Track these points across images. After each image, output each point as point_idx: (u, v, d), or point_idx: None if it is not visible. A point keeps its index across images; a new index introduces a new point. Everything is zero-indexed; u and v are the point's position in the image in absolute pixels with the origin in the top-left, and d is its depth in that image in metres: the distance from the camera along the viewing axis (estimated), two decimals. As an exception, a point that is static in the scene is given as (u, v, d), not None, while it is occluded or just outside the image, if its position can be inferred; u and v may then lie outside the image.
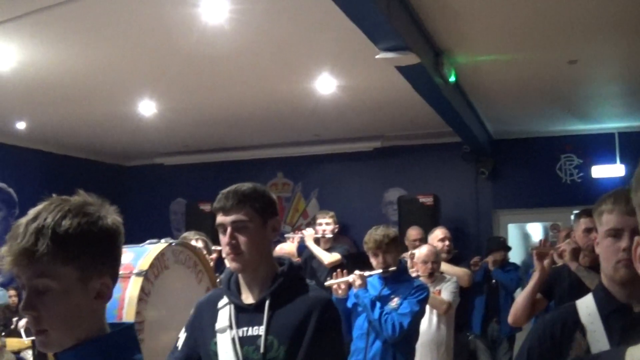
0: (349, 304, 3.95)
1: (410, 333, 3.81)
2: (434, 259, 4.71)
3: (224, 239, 2.12)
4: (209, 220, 7.13)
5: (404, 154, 9.11)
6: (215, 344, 2.12)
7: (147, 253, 3.43)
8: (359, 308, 3.88)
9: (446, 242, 5.62)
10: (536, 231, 9.28)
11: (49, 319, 1.25)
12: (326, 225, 5.96)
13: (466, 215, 8.82)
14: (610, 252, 1.80)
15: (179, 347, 2.23)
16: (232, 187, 2.17)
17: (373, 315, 3.72)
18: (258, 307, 2.11)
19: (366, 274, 3.91)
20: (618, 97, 6.97)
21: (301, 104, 6.94)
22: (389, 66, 4.84)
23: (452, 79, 5.62)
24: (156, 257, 3.40)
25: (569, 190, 8.51)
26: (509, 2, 4.42)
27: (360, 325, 3.87)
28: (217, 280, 3.71)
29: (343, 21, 3.95)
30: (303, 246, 5.85)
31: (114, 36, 4.93)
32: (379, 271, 3.89)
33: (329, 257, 5.64)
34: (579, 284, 3.31)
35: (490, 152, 8.74)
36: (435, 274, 4.71)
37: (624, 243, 1.76)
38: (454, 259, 5.69)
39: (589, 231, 3.44)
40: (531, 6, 4.44)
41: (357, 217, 8.58)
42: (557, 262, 3.57)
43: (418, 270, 4.63)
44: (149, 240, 3.63)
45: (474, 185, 8.89)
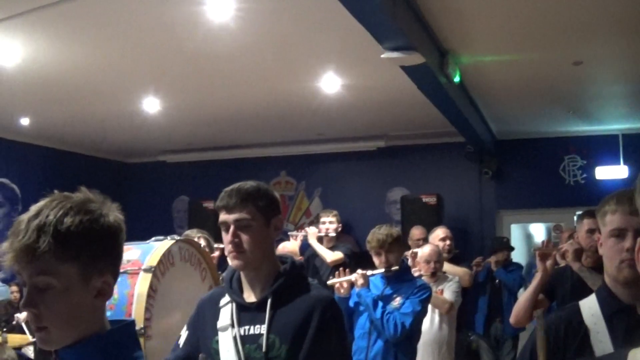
0: (351, 303, 3.94)
1: (412, 333, 3.80)
2: (437, 258, 4.70)
3: (226, 237, 2.12)
4: (211, 218, 7.15)
5: (407, 153, 9.10)
6: (217, 342, 2.12)
7: (154, 250, 3.45)
8: (361, 307, 3.87)
9: (447, 242, 5.61)
10: (539, 232, 9.27)
11: (50, 316, 1.25)
12: (329, 224, 5.95)
13: (469, 215, 8.82)
14: (614, 252, 1.80)
15: (181, 344, 2.23)
16: (235, 185, 2.16)
17: (375, 314, 3.72)
18: (260, 306, 2.11)
19: (369, 273, 3.90)
20: (622, 98, 6.95)
21: (305, 102, 6.94)
22: (393, 66, 4.83)
23: (457, 79, 5.61)
24: (164, 253, 3.42)
25: (572, 191, 8.50)
26: (514, 3, 4.41)
27: (362, 324, 3.87)
28: (219, 278, 3.72)
29: (348, 21, 3.94)
30: (306, 244, 5.85)
31: (118, 33, 4.93)
32: (381, 270, 3.88)
33: (331, 256, 5.63)
34: (582, 284, 3.30)
35: (494, 152, 8.73)
36: (438, 274, 4.70)
37: (627, 243, 1.76)
38: (454, 259, 5.67)
39: (592, 232, 3.44)
40: (536, 7, 4.43)
41: (360, 216, 8.58)
42: (559, 262, 3.57)
43: (420, 269, 4.63)
44: (155, 237, 3.64)
45: (478, 185, 8.88)
